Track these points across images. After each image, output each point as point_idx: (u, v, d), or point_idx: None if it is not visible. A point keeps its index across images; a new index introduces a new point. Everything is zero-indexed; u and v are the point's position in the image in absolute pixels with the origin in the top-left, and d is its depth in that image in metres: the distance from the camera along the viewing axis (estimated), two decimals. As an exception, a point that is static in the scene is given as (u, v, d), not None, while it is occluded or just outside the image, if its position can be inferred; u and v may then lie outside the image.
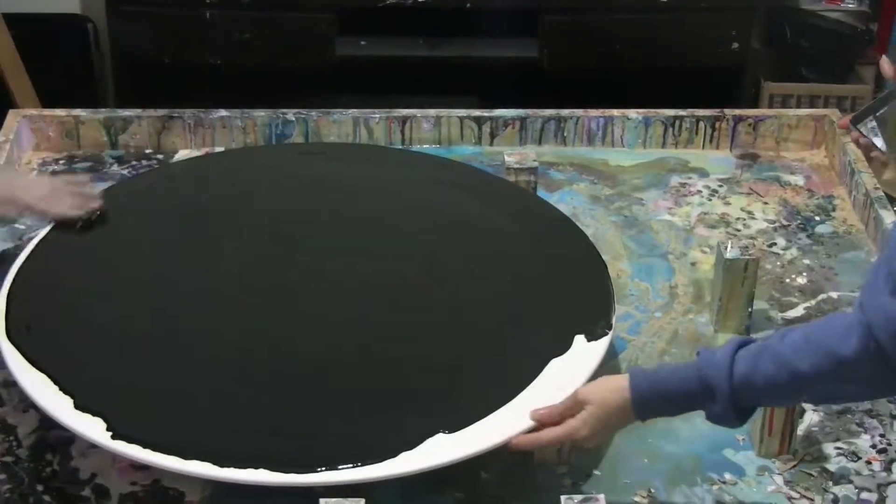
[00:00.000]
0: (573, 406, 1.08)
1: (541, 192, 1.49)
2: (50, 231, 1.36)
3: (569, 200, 1.53)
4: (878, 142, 1.19)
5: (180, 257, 1.33)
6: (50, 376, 1.14)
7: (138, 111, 1.62)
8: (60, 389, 1.12)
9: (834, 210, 1.53)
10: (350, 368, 1.19)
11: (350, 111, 1.63)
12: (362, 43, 2.69)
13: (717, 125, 1.64)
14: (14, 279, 1.26)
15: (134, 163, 1.59)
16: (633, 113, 1.64)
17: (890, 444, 1.18)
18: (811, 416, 1.21)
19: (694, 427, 1.19)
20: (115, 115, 1.62)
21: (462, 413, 1.12)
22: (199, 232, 1.37)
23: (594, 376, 1.14)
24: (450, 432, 1.09)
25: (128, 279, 1.29)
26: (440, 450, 1.08)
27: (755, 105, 2.79)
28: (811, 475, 1.14)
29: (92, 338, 1.20)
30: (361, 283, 1.30)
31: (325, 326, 1.24)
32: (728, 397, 1.01)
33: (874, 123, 1.19)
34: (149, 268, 1.31)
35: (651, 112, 1.65)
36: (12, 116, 1.59)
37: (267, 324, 1.24)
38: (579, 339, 1.20)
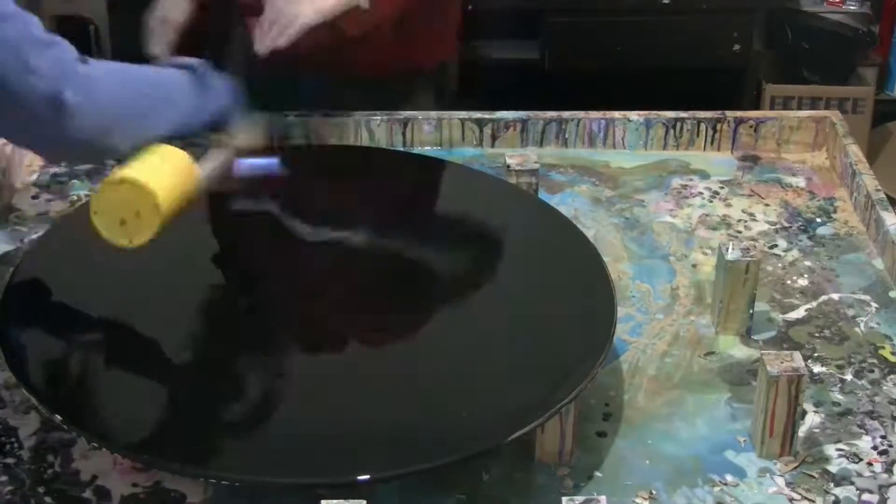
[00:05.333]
0: None
1: (542, 194, 1.49)
2: (49, 231, 1.36)
3: (570, 202, 1.53)
4: None
5: (182, 257, 1.33)
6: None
7: (140, 113, 1.62)
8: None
9: (835, 212, 1.53)
10: (351, 370, 1.19)
11: (351, 113, 1.63)
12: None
13: (718, 127, 1.64)
14: (12, 278, 1.26)
15: (135, 164, 1.59)
16: (635, 115, 1.64)
17: (891, 446, 1.18)
18: (812, 418, 1.21)
19: (695, 429, 1.19)
20: (116, 117, 1.62)
21: (461, 415, 1.12)
22: (200, 233, 1.38)
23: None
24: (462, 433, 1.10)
25: (129, 281, 1.29)
26: (440, 450, 1.08)
27: (756, 107, 2.80)
28: (812, 476, 1.14)
29: (90, 339, 1.20)
30: (363, 284, 1.30)
31: (327, 329, 1.24)
32: None
33: None
34: (150, 269, 1.31)
35: (652, 114, 1.65)
36: (14, 118, 1.59)
37: (268, 324, 1.24)
38: None
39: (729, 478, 1.14)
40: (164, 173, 1.20)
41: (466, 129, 1.64)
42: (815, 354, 1.29)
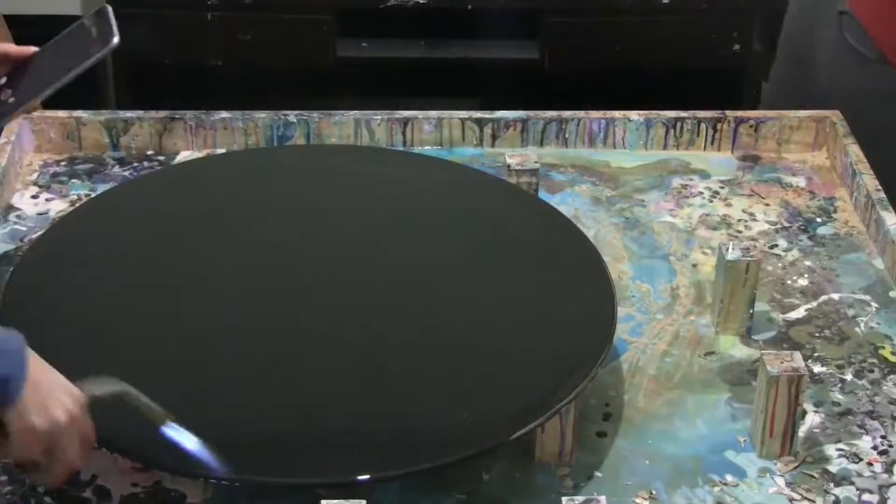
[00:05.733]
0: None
1: (542, 194, 1.49)
2: (49, 231, 1.36)
3: (570, 202, 1.53)
4: None
5: (182, 258, 1.33)
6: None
7: (139, 113, 1.62)
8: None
9: (835, 212, 1.53)
10: (350, 369, 1.19)
11: (351, 113, 1.63)
12: (363, 44, 2.69)
13: (718, 127, 1.64)
14: (12, 278, 1.26)
15: (135, 164, 1.59)
16: (635, 115, 1.64)
17: (891, 446, 1.18)
18: (812, 418, 1.21)
19: (695, 428, 1.19)
20: (116, 117, 1.62)
21: (460, 414, 1.12)
22: (201, 232, 1.38)
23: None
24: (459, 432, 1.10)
25: (128, 280, 1.29)
26: (440, 450, 1.08)
27: (756, 107, 2.79)
28: (812, 476, 1.14)
29: (90, 339, 1.20)
30: (363, 284, 1.30)
31: (326, 327, 1.24)
32: None
33: None
34: (150, 269, 1.31)
35: (652, 114, 1.65)
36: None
37: (268, 324, 1.24)
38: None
39: (729, 478, 1.14)
40: None
41: (466, 128, 1.63)
42: (815, 354, 1.29)
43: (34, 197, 1.52)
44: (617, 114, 1.65)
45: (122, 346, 1.20)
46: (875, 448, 1.17)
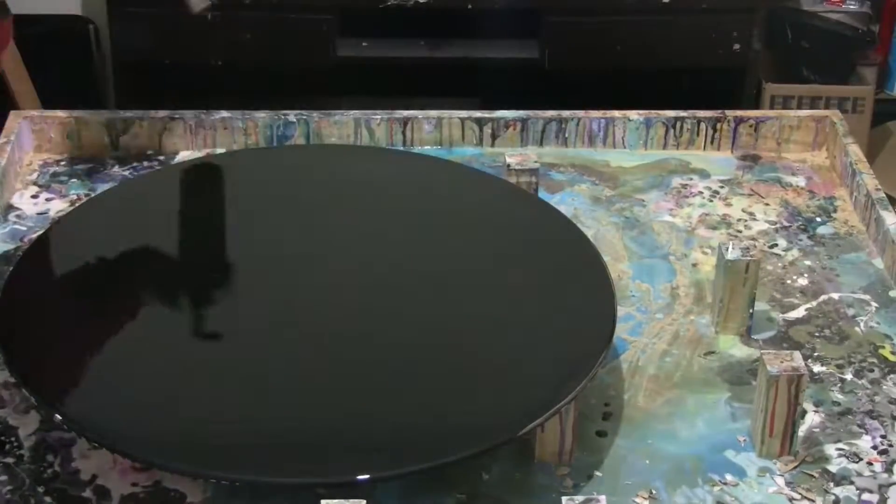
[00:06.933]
0: None
1: (542, 194, 1.49)
2: (49, 231, 1.36)
3: (570, 202, 1.53)
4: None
5: (181, 258, 1.33)
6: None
7: (139, 112, 1.62)
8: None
9: (835, 211, 1.53)
10: (351, 369, 1.19)
11: (351, 112, 1.63)
12: (363, 44, 2.69)
13: (718, 126, 1.64)
14: (12, 278, 1.26)
15: (135, 164, 1.59)
16: (635, 114, 1.64)
17: (891, 446, 1.18)
18: (812, 418, 1.21)
19: (695, 428, 1.19)
20: (116, 117, 1.62)
21: (462, 413, 1.12)
22: (200, 233, 1.38)
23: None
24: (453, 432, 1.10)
25: (128, 280, 1.29)
26: (440, 450, 1.08)
27: (756, 106, 2.80)
28: (812, 476, 1.14)
29: (90, 339, 1.20)
30: (363, 284, 1.30)
31: (326, 327, 1.25)
32: None
33: None
34: (150, 269, 1.31)
35: (652, 113, 1.65)
36: (13, 118, 1.59)
37: (268, 324, 1.24)
38: None
39: (729, 477, 1.14)
40: None
41: (466, 128, 1.64)
42: (815, 354, 1.29)
43: (34, 197, 1.52)
44: (617, 113, 1.65)
45: (122, 346, 1.20)
46: (875, 448, 1.17)
